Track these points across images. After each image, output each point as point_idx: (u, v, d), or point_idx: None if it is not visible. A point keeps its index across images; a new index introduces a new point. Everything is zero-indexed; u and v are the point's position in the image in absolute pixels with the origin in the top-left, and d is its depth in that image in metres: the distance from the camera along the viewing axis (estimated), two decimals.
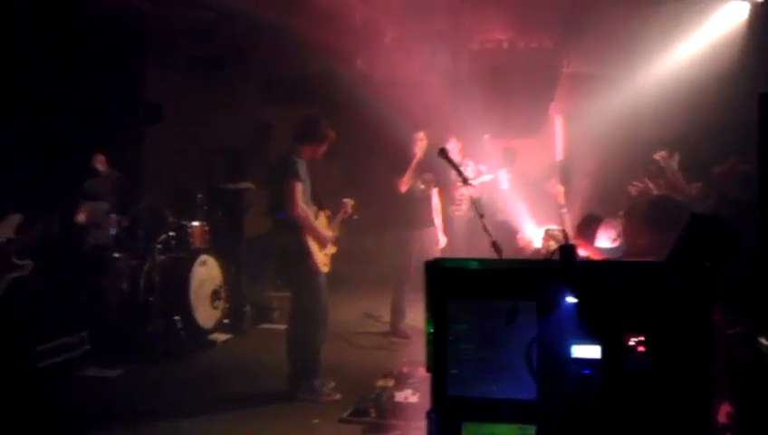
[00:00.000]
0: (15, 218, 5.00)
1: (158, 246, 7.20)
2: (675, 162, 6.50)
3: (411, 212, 7.80)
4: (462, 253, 7.86)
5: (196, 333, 7.28)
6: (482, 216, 4.21)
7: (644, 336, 2.58)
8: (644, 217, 4.94)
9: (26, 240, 5.15)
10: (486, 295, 2.70)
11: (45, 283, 6.18)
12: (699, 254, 2.90)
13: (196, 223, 7.63)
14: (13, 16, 6.11)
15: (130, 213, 7.22)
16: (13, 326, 5.08)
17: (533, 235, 7.53)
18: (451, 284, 2.73)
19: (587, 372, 2.59)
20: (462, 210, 8.66)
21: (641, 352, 2.58)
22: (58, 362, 6.17)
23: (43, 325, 6.08)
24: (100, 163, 6.87)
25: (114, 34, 7.36)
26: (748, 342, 3.30)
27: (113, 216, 6.98)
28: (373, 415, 5.40)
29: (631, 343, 2.59)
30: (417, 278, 2.96)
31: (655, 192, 6.21)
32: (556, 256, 2.76)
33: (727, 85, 7.03)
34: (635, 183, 6.52)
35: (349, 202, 6.50)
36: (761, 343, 3.21)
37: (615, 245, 5.12)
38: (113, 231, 6.97)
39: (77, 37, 6.89)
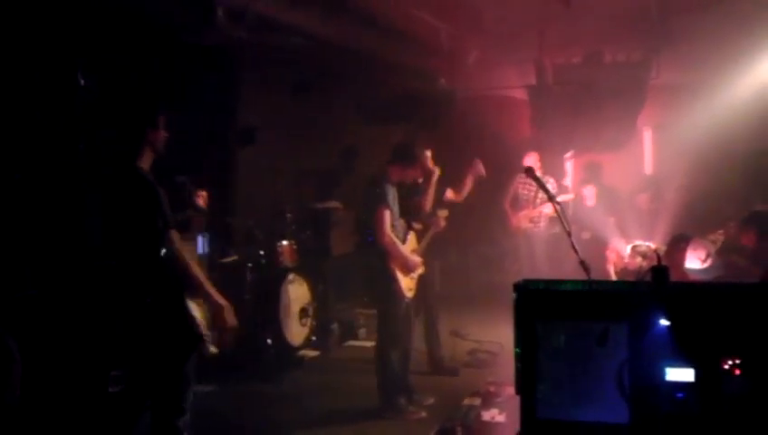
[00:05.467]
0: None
1: (249, 264, 7.34)
2: None
3: None
4: (543, 272, 7.76)
5: (286, 351, 7.40)
6: (569, 233, 4.14)
7: (741, 359, 2.51)
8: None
9: None
10: (576, 317, 2.68)
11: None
12: None
13: (285, 242, 7.74)
14: (112, 45, 6.35)
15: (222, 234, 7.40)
16: None
17: (621, 250, 7.40)
18: (540, 305, 2.72)
19: (681, 395, 2.54)
20: (540, 228, 8.57)
21: (738, 375, 2.51)
22: None
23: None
24: (201, 199, 6.91)
25: (209, 62, 7.59)
26: None
27: (203, 237, 7.13)
28: (460, 434, 5.39)
29: (727, 366, 2.52)
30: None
31: None
32: (647, 277, 2.72)
33: None
34: None
35: (442, 215, 6.42)
36: None
37: (706, 265, 4.96)
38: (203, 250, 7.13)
39: (173, 65, 7.12)
